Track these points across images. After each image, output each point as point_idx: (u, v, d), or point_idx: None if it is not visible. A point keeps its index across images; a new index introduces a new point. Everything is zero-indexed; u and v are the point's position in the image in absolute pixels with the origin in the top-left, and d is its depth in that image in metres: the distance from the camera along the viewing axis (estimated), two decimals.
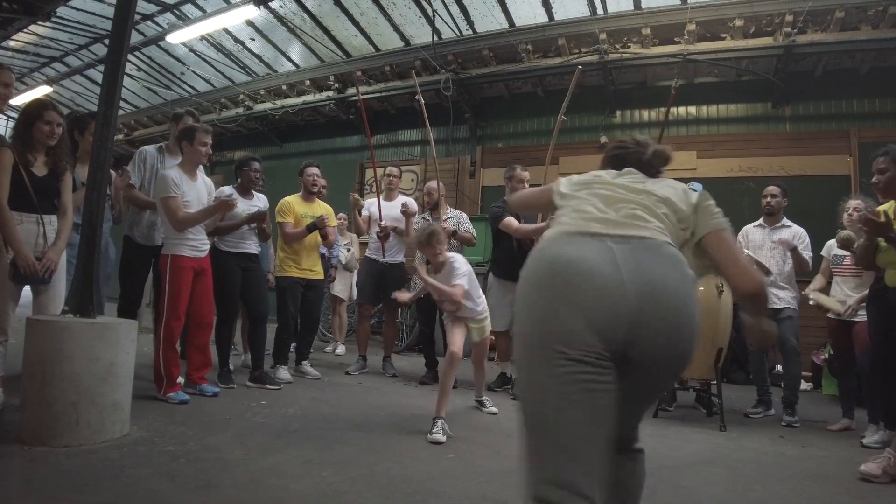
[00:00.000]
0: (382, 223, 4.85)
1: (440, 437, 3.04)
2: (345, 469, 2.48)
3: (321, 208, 4.64)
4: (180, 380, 3.59)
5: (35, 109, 3.04)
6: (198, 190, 3.63)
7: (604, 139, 7.09)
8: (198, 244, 3.61)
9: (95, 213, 2.89)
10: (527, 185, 4.66)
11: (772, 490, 2.52)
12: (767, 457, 3.09)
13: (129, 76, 9.37)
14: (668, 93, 6.96)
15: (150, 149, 4.14)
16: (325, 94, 8.48)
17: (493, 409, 3.84)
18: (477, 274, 5.17)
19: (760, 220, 4.34)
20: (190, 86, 9.60)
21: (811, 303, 4.06)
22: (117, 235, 3.94)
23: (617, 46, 6.52)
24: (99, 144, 2.91)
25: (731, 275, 1.44)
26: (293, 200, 4.59)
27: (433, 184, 4.94)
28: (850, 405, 3.89)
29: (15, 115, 11.46)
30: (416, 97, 5.01)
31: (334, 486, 2.26)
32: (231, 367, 4.16)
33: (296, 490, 2.19)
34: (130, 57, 8.67)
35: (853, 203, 3.89)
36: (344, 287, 6.31)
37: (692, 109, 6.95)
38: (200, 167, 3.83)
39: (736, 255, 1.47)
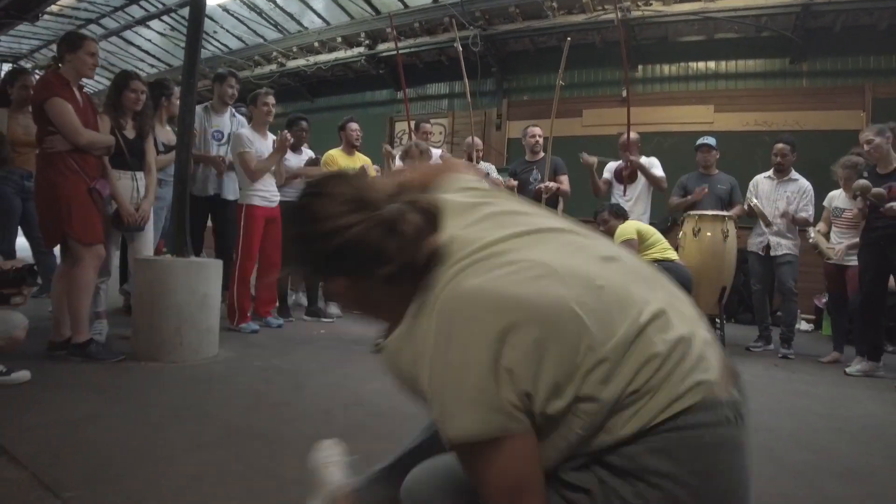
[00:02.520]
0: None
1: None
2: None
3: (361, 161, 5.08)
4: (249, 314, 4.17)
5: (122, 79, 3.47)
6: (268, 146, 4.13)
7: (625, 93, 7.35)
8: (269, 195, 4.13)
9: (184, 170, 3.40)
10: (539, 139, 5.12)
11: (759, 401, 2.98)
12: (760, 380, 3.57)
13: (163, 35, 9.71)
14: (689, 48, 7.24)
15: (196, 109, 4.59)
16: (356, 51, 8.77)
17: None
18: None
19: (770, 172, 4.69)
20: (223, 44, 9.92)
21: (810, 239, 4.48)
22: None
23: (639, 4, 6.73)
24: (185, 109, 3.39)
25: None
26: (336, 154, 5.03)
27: (478, 140, 5.37)
28: (841, 340, 4.34)
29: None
30: (455, 44, 5.32)
31: None
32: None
33: (369, 388, 2.76)
34: (165, 17, 9.01)
35: (841, 173, 4.27)
36: None
37: (711, 65, 7.16)
38: None
39: None
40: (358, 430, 2.19)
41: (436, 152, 5.53)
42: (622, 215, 4.56)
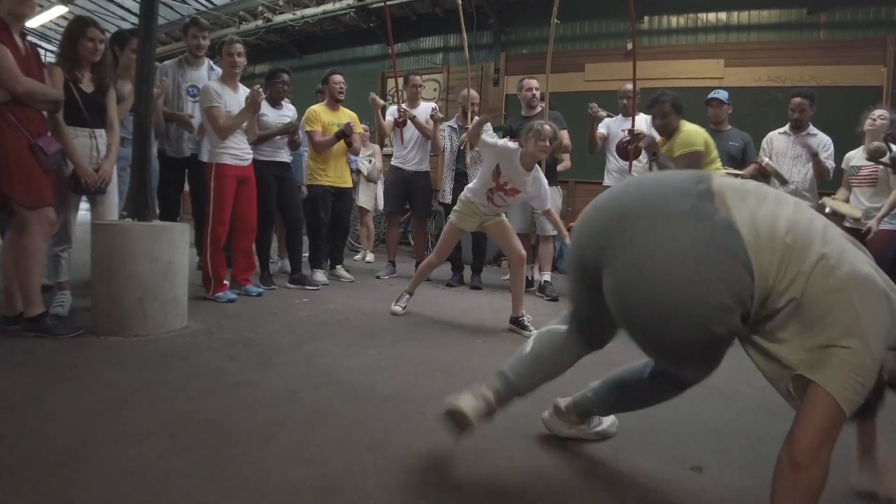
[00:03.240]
0: (403, 108, 4.93)
1: (399, 308, 3.68)
2: (386, 350, 2.80)
3: (347, 116, 4.74)
4: (226, 282, 3.90)
5: (78, 27, 3.11)
6: (239, 101, 3.79)
7: (630, 46, 6.94)
8: (240, 153, 3.81)
9: (145, 125, 3.07)
10: (535, 93, 4.75)
11: None
12: None
13: None
14: None
15: (169, 63, 4.27)
16: (345, 3, 8.30)
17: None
18: None
19: (786, 128, 4.37)
20: None
21: (826, 210, 4.15)
22: None
23: None
24: (143, 58, 3.04)
25: None
26: (319, 109, 4.70)
27: (474, 92, 5.01)
28: None
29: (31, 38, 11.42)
30: None
31: (379, 362, 2.59)
32: (271, 271, 4.47)
33: (345, 365, 2.51)
34: None
35: (878, 112, 3.92)
36: (368, 198, 6.51)
37: (722, 16, 6.72)
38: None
39: None
40: (326, 416, 1.94)
41: (427, 106, 5.20)
42: (681, 110, 3.69)
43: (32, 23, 10.54)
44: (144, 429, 1.77)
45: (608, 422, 1.88)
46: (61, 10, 9.70)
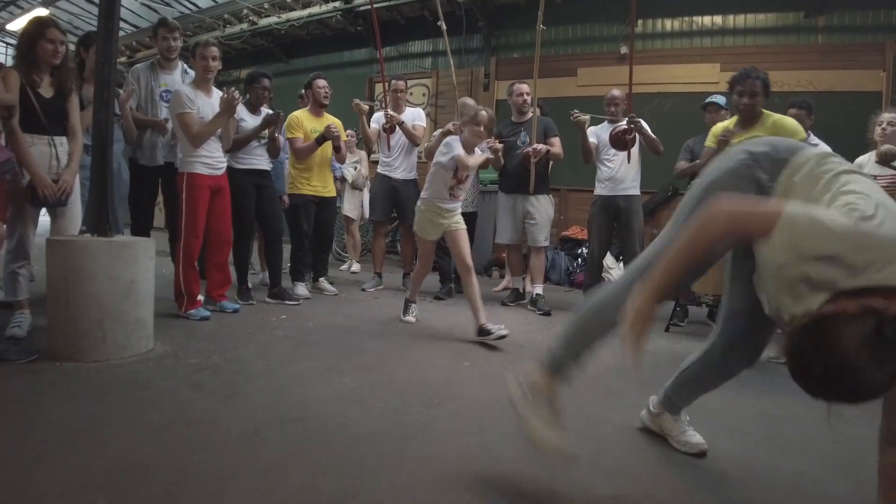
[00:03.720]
0: (390, 114, 4.74)
1: (411, 319, 3.84)
2: (365, 376, 2.58)
3: (330, 122, 4.54)
4: (200, 297, 3.68)
5: (36, 28, 2.93)
6: (213, 106, 3.57)
7: (624, 50, 6.77)
8: (213, 162, 3.60)
9: (105, 132, 2.85)
10: (526, 98, 4.59)
11: (776, 382, 2.55)
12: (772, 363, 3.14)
13: None
14: (694, 1, 6.64)
15: (141, 66, 4.08)
16: (331, 6, 8.11)
17: (503, 332, 3.26)
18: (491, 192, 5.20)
19: None
20: (191, 2, 9.20)
21: None
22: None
23: None
24: (102, 60, 2.83)
25: None
26: (302, 115, 4.50)
27: (470, 100, 4.90)
28: None
29: (14, 41, 11.15)
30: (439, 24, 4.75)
31: (356, 391, 2.37)
32: (250, 285, 4.25)
33: (318, 395, 2.30)
34: None
35: (888, 116, 3.76)
36: (354, 206, 6.30)
37: (718, 19, 6.55)
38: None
39: None
40: (290, 461, 1.72)
41: (412, 111, 5.01)
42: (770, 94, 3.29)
43: (13, 26, 10.30)
44: (84, 479, 1.56)
45: (695, 439, 1.94)
46: (42, 12, 9.45)
